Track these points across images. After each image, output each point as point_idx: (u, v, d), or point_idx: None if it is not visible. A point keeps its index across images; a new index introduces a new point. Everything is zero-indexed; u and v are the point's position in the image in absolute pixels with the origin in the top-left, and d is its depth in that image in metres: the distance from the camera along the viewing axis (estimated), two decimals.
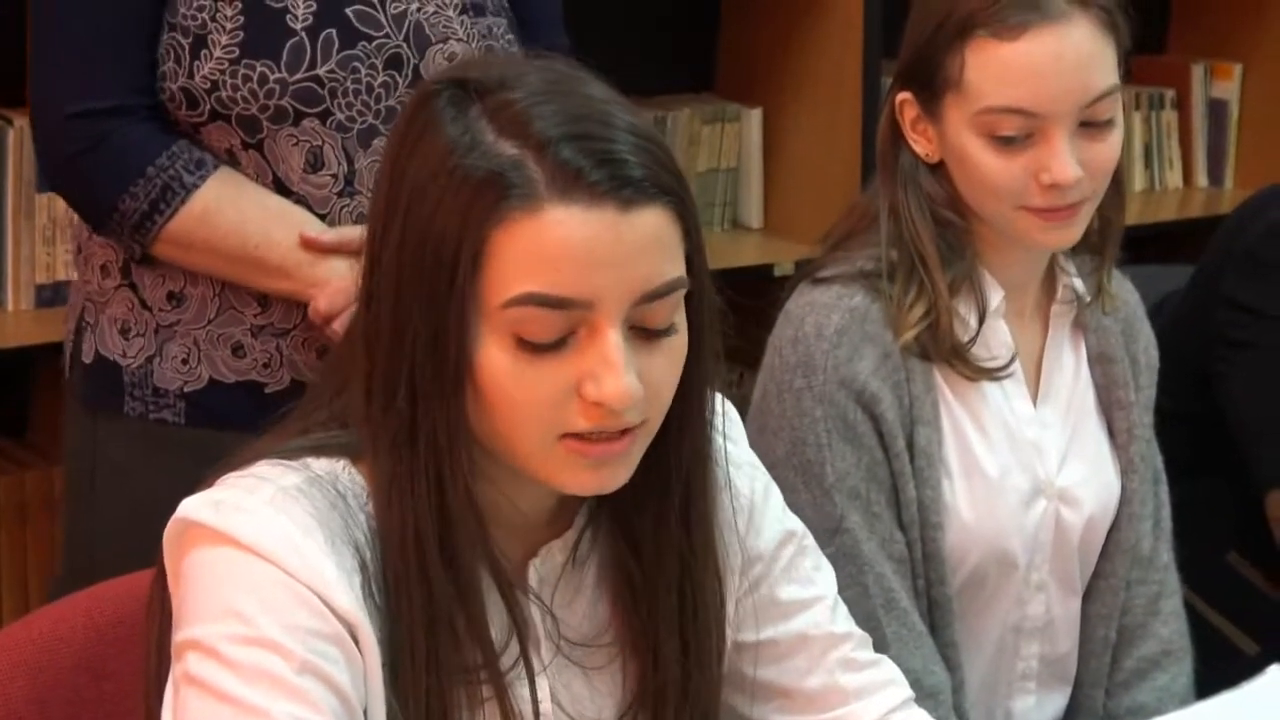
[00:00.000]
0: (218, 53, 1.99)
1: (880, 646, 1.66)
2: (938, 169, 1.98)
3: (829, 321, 1.96)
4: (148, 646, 1.43)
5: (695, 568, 1.48)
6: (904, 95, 1.98)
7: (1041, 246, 1.98)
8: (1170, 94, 3.97)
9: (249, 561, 1.32)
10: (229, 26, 1.99)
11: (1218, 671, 2.14)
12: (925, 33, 1.94)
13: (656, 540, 1.46)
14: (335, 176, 2.04)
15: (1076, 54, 1.89)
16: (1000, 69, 1.89)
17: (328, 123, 2.02)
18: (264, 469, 1.38)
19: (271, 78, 1.99)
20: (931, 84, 1.94)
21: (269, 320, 2.05)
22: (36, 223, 2.66)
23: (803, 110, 3.35)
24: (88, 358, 2.11)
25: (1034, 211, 1.92)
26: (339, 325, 1.94)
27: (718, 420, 1.50)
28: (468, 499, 1.36)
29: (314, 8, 2.01)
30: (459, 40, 2.09)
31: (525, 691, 1.42)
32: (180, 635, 1.33)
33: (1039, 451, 2.05)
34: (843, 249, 2.04)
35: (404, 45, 2.05)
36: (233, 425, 1.67)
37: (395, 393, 1.34)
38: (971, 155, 1.92)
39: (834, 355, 1.94)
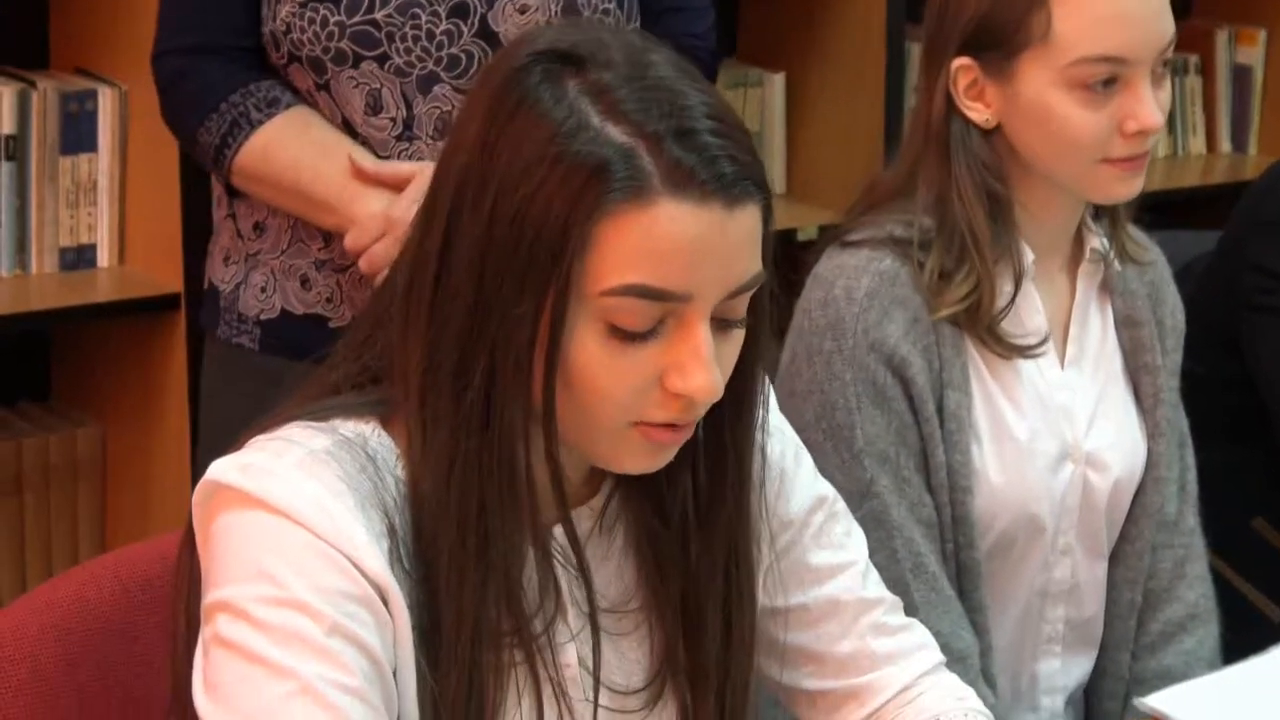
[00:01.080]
0: None
1: (908, 611, 1.65)
2: (990, 136, 1.98)
3: (858, 284, 1.95)
4: (175, 608, 1.43)
5: (741, 547, 1.48)
6: (962, 62, 1.96)
7: (1116, 198, 1.99)
8: (1194, 59, 3.97)
9: (279, 524, 1.31)
10: None
11: (1242, 637, 2.14)
12: None
13: (705, 518, 1.47)
14: (394, 120, 2.08)
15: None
16: (1092, 18, 1.90)
17: (385, 66, 2.06)
18: (293, 431, 1.38)
19: (332, 20, 2.04)
20: (1006, 44, 1.93)
21: (330, 255, 2.11)
22: (60, 186, 2.66)
23: (826, 75, 3.34)
24: (205, 284, 2.24)
25: (1113, 163, 1.94)
26: (364, 263, 1.99)
27: None
28: (547, 476, 1.37)
29: None
30: None
31: (556, 657, 1.42)
32: (210, 597, 1.33)
33: (1067, 415, 2.05)
34: (870, 214, 2.03)
35: None
36: (300, 355, 1.71)
37: (469, 370, 1.33)
38: (1057, 110, 1.92)
39: (864, 318, 1.94)
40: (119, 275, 2.70)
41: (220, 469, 1.35)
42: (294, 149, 2.06)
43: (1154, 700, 1.87)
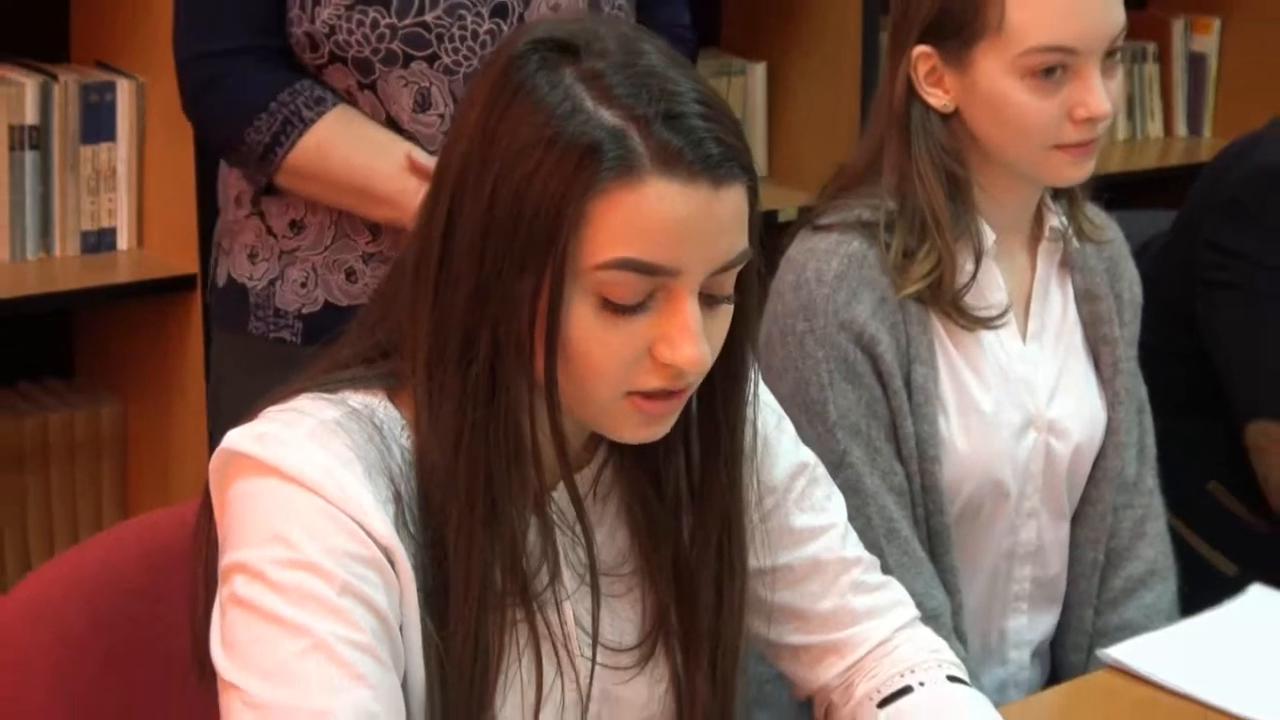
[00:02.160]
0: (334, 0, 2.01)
1: (883, 573, 1.66)
2: (949, 120, 1.98)
3: (828, 267, 1.95)
4: (194, 571, 1.43)
5: (734, 519, 1.49)
6: (922, 49, 1.96)
7: (1068, 181, 1.99)
8: (1151, 48, 3.97)
9: (292, 491, 1.31)
10: None
11: (1199, 592, 2.15)
12: None
13: (701, 491, 1.47)
14: (442, 116, 2.06)
15: None
16: (1043, 9, 1.89)
17: (435, 66, 2.04)
18: (304, 403, 1.38)
19: (383, 22, 2.01)
20: (963, 33, 1.93)
21: (379, 248, 2.08)
22: (81, 174, 2.66)
23: (805, 64, 3.34)
24: (221, 281, 2.17)
25: (1065, 149, 1.94)
26: None
27: None
28: (550, 444, 1.37)
29: None
30: None
31: (553, 615, 1.43)
32: (227, 559, 1.33)
33: (1029, 386, 2.05)
34: (839, 198, 2.03)
35: None
36: None
37: (474, 346, 1.33)
38: (1010, 97, 1.92)
39: (834, 299, 1.94)
40: (138, 258, 2.69)
41: (235, 438, 1.36)
42: (347, 146, 2.03)
43: (1116, 651, 1.88)
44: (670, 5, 2.26)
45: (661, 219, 1.29)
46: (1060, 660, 2.16)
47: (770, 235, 2.04)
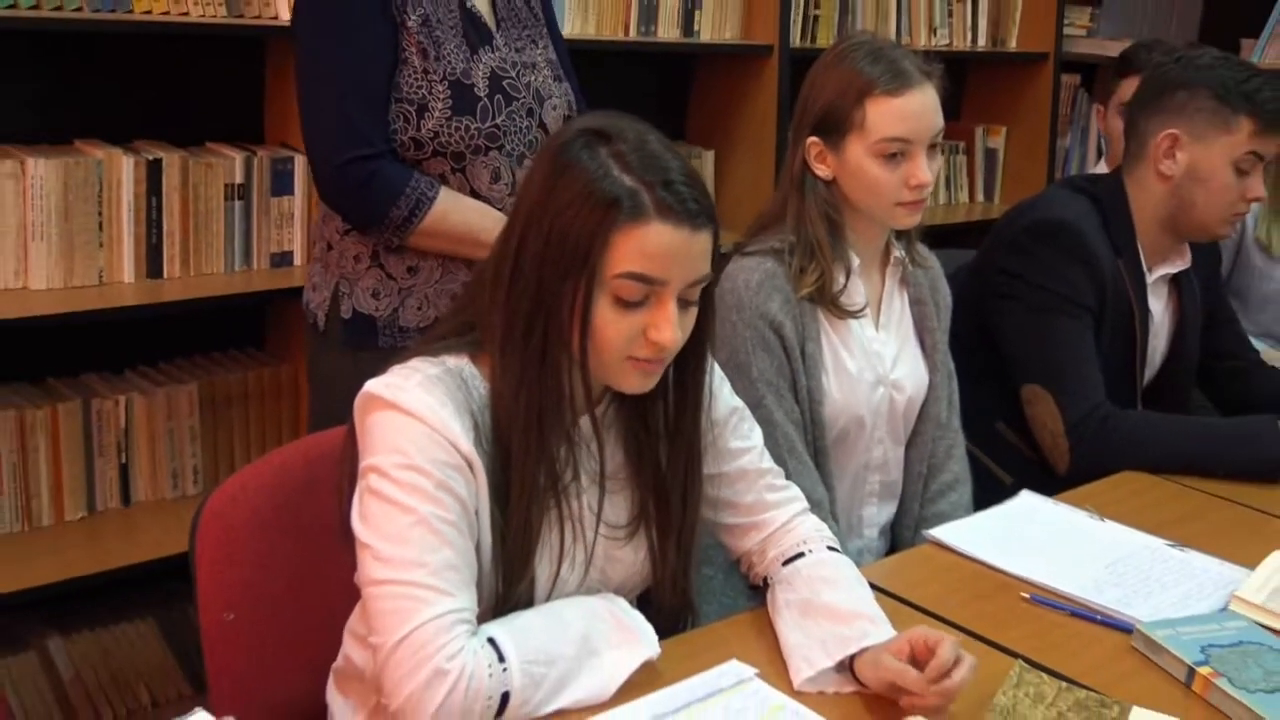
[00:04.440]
0: (436, 114, 1.96)
1: (785, 476, 1.66)
2: (830, 186, 1.98)
3: (752, 278, 1.95)
4: (341, 471, 1.43)
5: (694, 447, 1.49)
6: (812, 139, 1.96)
7: (905, 226, 1.99)
8: (962, 144, 3.97)
9: (407, 420, 1.32)
10: (442, 96, 1.97)
11: (988, 494, 2.16)
12: (830, 98, 1.93)
13: (674, 429, 1.47)
14: (508, 185, 2.03)
15: (932, 103, 1.92)
16: (891, 113, 1.89)
17: (503, 152, 2.01)
18: (416, 363, 1.38)
19: (472, 127, 1.98)
20: (839, 129, 1.93)
21: None
22: (271, 216, 2.65)
23: (739, 151, 3.34)
24: (347, 314, 2.08)
25: (903, 205, 1.94)
26: None
27: None
28: (583, 392, 1.37)
29: (487, 82, 2.00)
30: (557, 97, 2.09)
31: (574, 503, 1.43)
32: (364, 463, 1.34)
33: (880, 358, 2.05)
34: (759, 235, 2.03)
35: (533, 102, 2.05)
36: None
37: (533, 329, 1.34)
38: (868, 171, 1.92)
39: (755, 299, 1.94)
40: (306, 271, 2.68)
41: (373, 385, 1.36)
42: (461, 213, 1.98)
43: (935, 532, 1.89)
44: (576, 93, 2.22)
45: (658, 248, 1.30)
46: (898, 537, 2.16)
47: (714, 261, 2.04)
